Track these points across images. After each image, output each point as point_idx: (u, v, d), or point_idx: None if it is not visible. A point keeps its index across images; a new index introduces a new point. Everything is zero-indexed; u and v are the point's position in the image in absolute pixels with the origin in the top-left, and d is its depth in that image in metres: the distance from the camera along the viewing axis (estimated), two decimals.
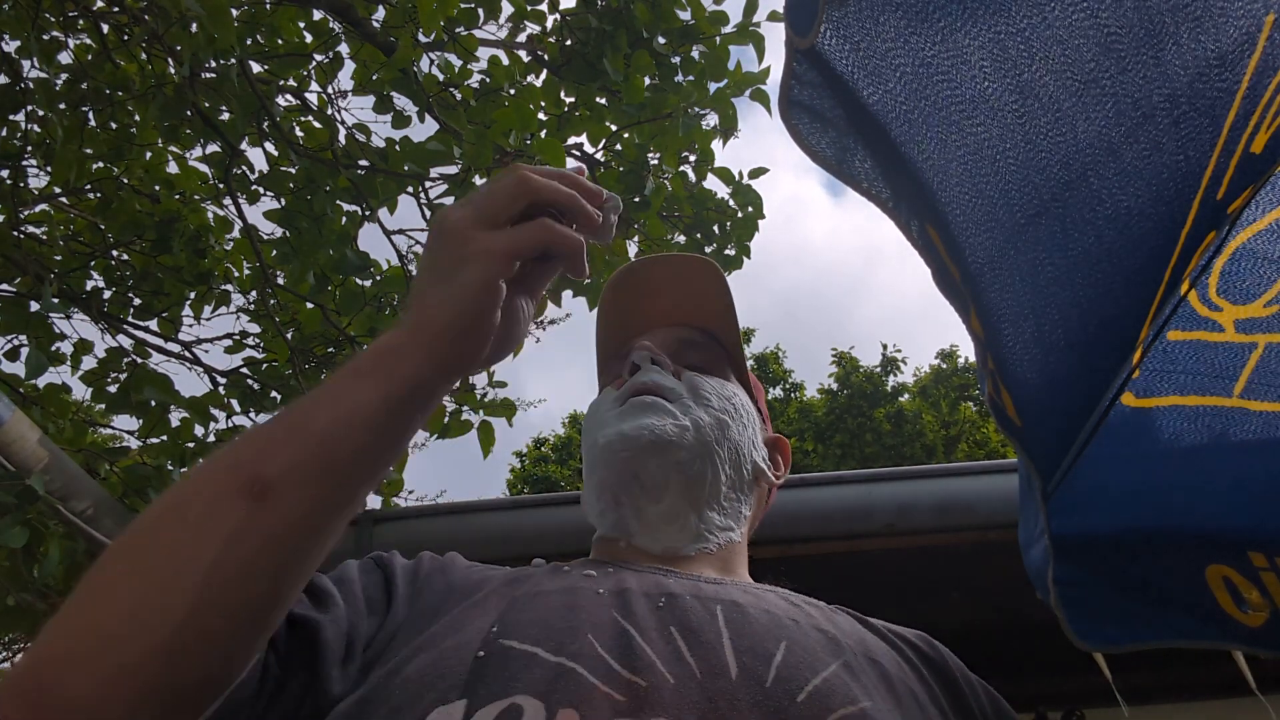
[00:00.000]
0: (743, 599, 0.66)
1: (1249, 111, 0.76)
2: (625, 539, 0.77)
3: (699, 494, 0.77)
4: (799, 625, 0.64)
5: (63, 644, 0.48)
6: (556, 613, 0.60)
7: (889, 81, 0.72)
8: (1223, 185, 0.80)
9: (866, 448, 14.31)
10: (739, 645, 0.58)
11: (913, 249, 0.80)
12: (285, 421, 0.55)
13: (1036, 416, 0.91)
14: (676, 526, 0.76)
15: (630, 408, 0.77)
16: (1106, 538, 1.07)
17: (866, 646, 0.65)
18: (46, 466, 1.95)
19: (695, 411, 0.78)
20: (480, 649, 0.56)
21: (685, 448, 0.75)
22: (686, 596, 0.64)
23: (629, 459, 0.74)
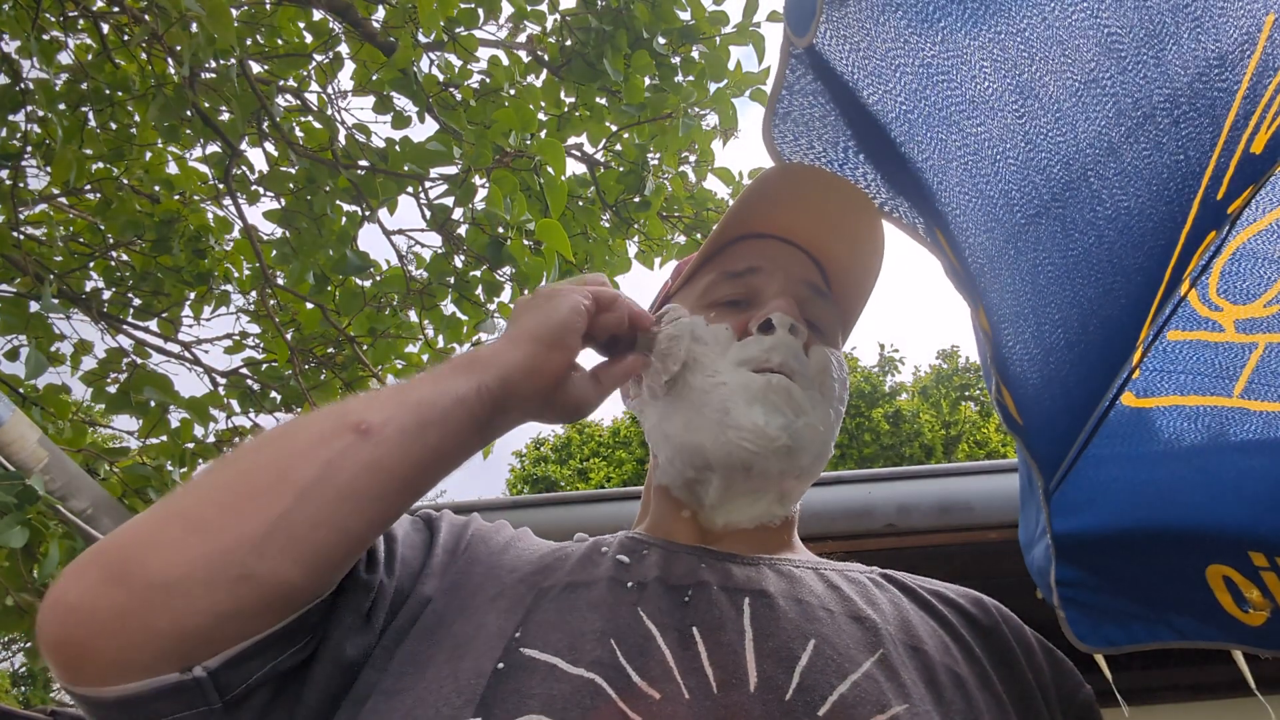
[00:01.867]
0: (775, 586, 0.63)
1: (1249, 111, 0.76)
2: (692, 509, 0.73)
3: (798, 487, 0.74)
4: (832, 616, 0.61)
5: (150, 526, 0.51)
6: (580, 613, 0.58)
7: (889, 82, 0.71)
8: (1223, 185, 0.80)
9: (865, 448, 14.30)
10: (762, 649, 0.56)
11: (910, 248, 0.80)
12: (390, 389, 0.61)
13: (1037, 417, 0.91)
14: (751, 503, 0.72)
15: (766, 389, 0.69)
16: (1106, 537, 1.07)
17: (909, 630, 0.62)
18: (46, 466, 1.95)
19: (822, 406, 0.73)
20: (500, 659, 0.55)
21: (810, 452, 0.71)
22: (715, 588, 0.62)
23: (754, 455, 0.68)
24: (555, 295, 0.67)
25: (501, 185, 2.28)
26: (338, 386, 2.91)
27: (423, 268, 2.86)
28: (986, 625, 0.68)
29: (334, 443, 0.55)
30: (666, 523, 0.75)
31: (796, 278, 0.78)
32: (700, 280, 0.81)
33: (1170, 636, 1.09)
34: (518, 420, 0.66)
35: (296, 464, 0.54)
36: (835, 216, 0.77)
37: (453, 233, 2.61)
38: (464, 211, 2.47)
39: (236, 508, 0.52)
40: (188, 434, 2.75)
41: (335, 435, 0.55)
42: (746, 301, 0.77)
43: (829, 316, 0.80)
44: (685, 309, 0.78)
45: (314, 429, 0.56)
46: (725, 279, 0.78)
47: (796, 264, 0.80)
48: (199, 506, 0.53)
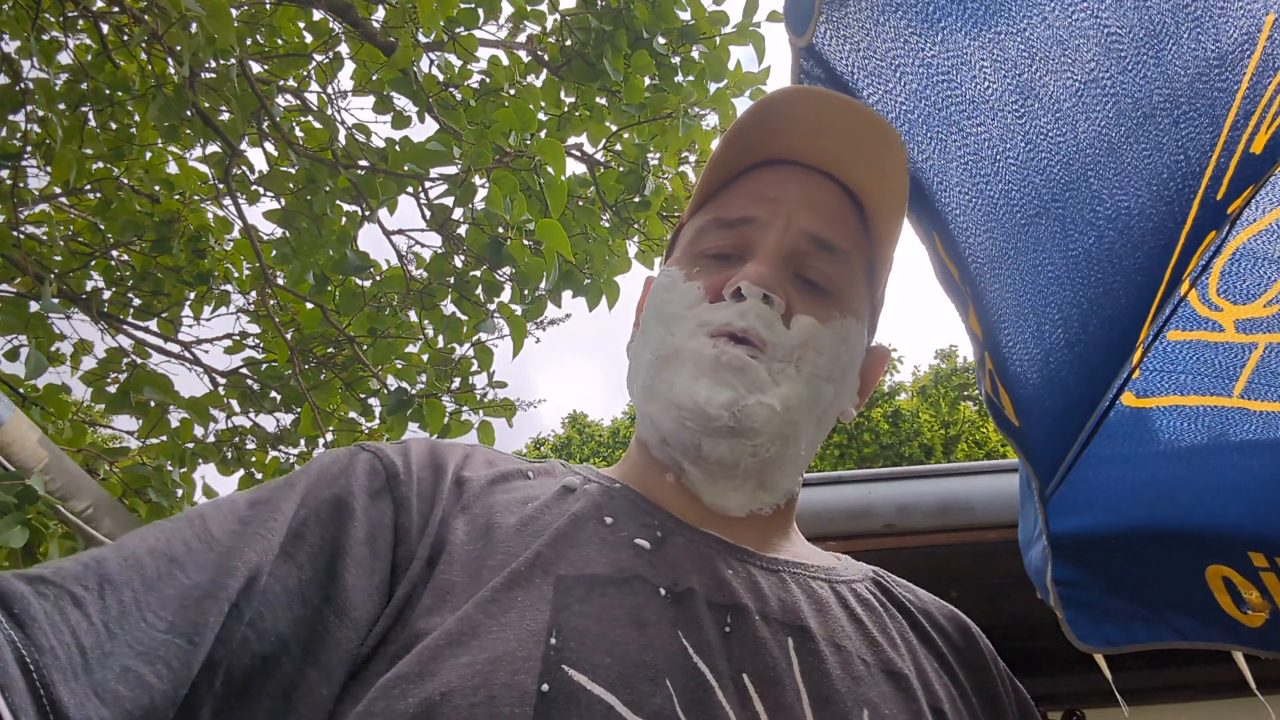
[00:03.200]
0: (812, 619, 0.59)
1: (1249, 111, 0.76)
2: (675, 472, 0.67)
3: (772, 472, 0.67)
4: (870, 672, 0.58)
5: None
6: (624, 630, 0.52)
7: (889, 82, 0.71)
8: (1223, 185, 0.80)
9: (865, 448, 14.31)
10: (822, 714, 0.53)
11: (908, 248, 0.80)
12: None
13: (1036, 417, 0.91)
14: (734, 486, 0.66)
15: (717, 361, 0.63)
16: (1106, 538, 1.07)
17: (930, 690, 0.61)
18: (46, 466, 1.95)
19: (792, 383, 0.64)
20: (542, 678, 0.47)
21: (765, 433, 0.63)
22: (756, 618, 0.57)
23: (698, 433, 0.63)
24: None
25: (501, 185, 2.28)
26: (338, 386, 2.91)
27: (423, 268, 2.86)
28: (973, 661, 0.68)
29: None
30: (652, 482, 0.68)
31: (796, 229, 0.68)
32: (697, 220, 0.73)
33: (1170, 637, 1.09)
34: None
35: None
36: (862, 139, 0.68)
37: (453, 233, 2.61)
38: (464, 211, 2.47)
39: None
40: (188, 434, 2.75)
41: None
42: (737, 256, 0.69)
43: (836, 272, 0.69)
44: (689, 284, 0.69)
45: None
46: (719, 227, 0.70)
47: (803, 208, 0.69)
48: None
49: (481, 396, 2.77)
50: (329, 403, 2.92)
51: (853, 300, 0.70)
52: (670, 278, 0.70)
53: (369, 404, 2.96)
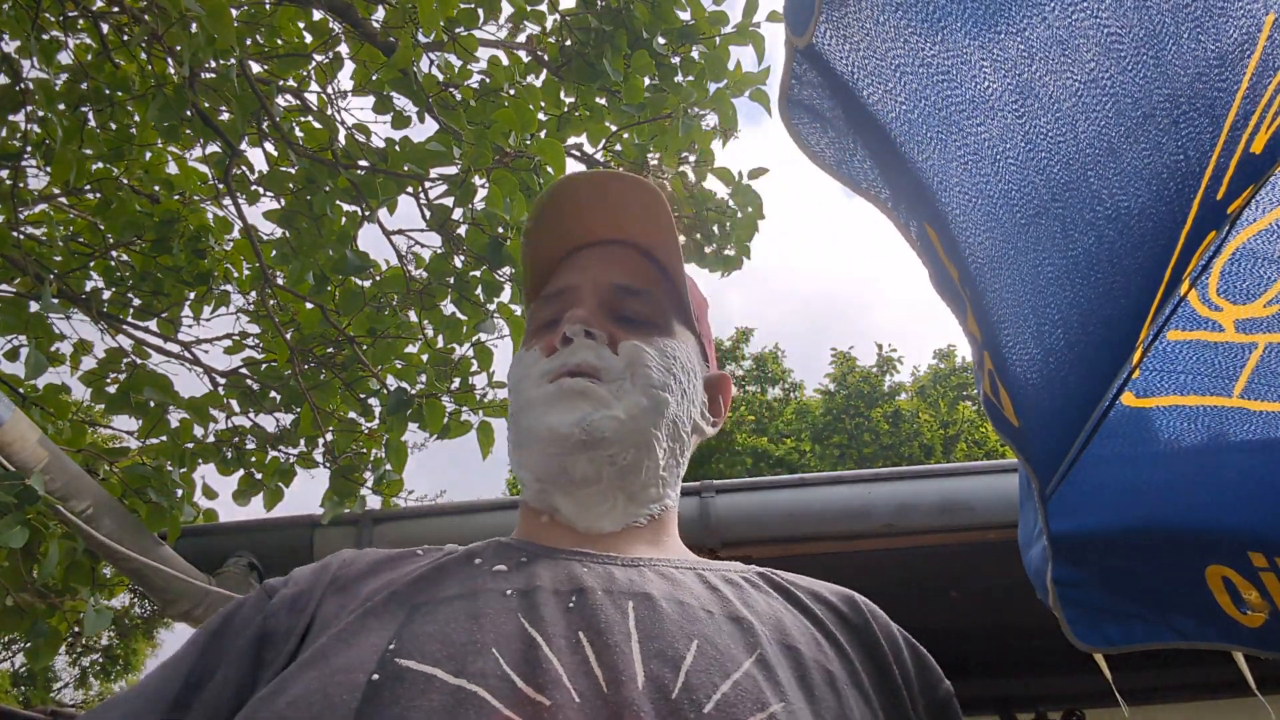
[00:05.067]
0: (658, 589, 0.64)
1: (1249, 111, 0.76)
2: (549, 514, 0.74)
3: (633, 480, 0.74)
4: (713, 618, 0.62)
5: None
6: (459, 623, 0.57)
7: (889, 81, 0.72)
8: (1223, 185, 0.80)
9: (864, 448, 14.31)
10: (648, 649, 0.57)
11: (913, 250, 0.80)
12: None
13: (1036, 417, 0.91)
14: (606, 507, 0.73)
15: (560, 392, 0.72)
16: (1106, 538, 1.07)
17: (783, 629, 0.64)
18: (46, 466, 1.95)
19: (631, 396, 0.73)
20: (375, 670, 0.53)
21: (618, 442, 0.71)
22: (599, 592, 0.62)
23: (558, 456, 0.71)
24: None
25: (501, 185, 2.28)
26: (338, 386, 2.91)
27: (422, 268, 2.86)
28: (857, 623, 0.70)
29: None
30: (534, 529, 0.75)
31: (604, 283, 0.80)
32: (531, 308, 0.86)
33: (1170, 637, 1.09)
34: None
35: None
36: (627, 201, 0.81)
37: (453, 233, 2.61)
38: (464, 211, 2.47)
39: None
40: (188, 434, 2.75)
41: None
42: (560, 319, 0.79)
43: (647, 308, 0.80)
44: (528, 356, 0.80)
45: None
46: (544, 303, 0.83)
47: (606, 268, 0.81)
48: None
49: (481, 397, 2.77)
50: (329, 403, 2.92)
51: (669, 326, 0.81)
52: (517, 360, 0.81)
53: (369, 404, 2.96)
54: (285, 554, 2.48)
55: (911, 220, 0.79)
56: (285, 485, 2.84)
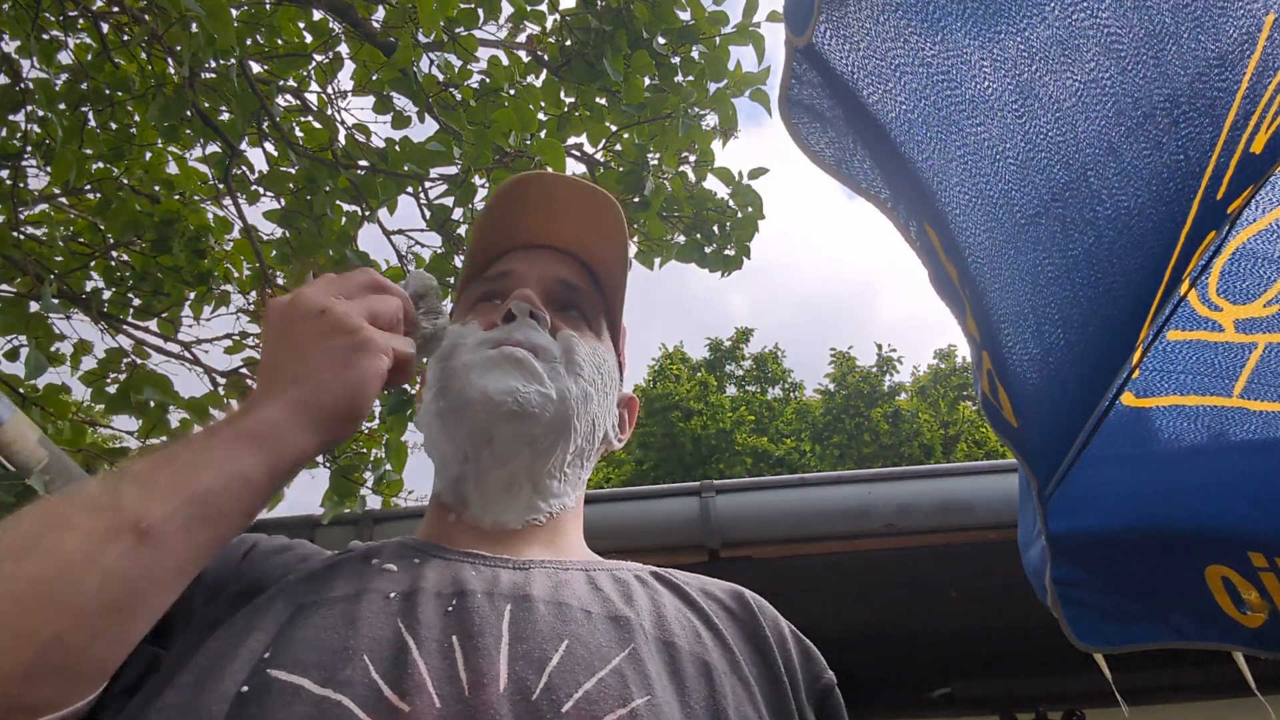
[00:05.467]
0: (540, 590, 0.65)
1: (1249, 111, 0.77)
2: (459, 510, 0.75)
3: (542, 467, 0.75)
4: (590, 617, 0.63)
5: None
6: (335, 629, 0.57)
7: (889, 81, 0.72)
8: (1223, 185, 0.80)
9: (864, 448, 14.31)
10: (516, 651, 0.58)
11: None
12: (170, 472, 0.56)
13: (1035, 417, 0.91)
14: (510, 496, 0.74)
15: (500, 358, 0.73)
16: (1106, 537, 1.07)
17: (662, 624, 0.65)
18: (46, 466, 1.95)
19: (564, 380, 0.75)
20: (245, 682, 0.53)
21: (543, 422, 0.73)
22: (479, 595, 0.62)
23: (488, 422, 0.72)
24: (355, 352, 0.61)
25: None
26: None
27: (422, 268, 2.86)
28: (743, 617, 0.71)
29: (110, 548, 0.50)
30: (439, 528, 0.76)
31: (550, 275, 0.83)
32: (466, 289, 0.87)
33: (1170, 637, 1.09)
34: None
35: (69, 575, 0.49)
36: (585, 213, 0.84)
37: (453, 233, 2.61)
38: (464, 211, 2.47)
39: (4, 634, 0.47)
40: (188, 434, 2.75)
41: (111, 537, 0.51)
42: (501, 297, 0.81)
43: (586, 307, 0.84)
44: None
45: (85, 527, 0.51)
46: (482, 282, 0.85)
47: (552, 263, 0.84)
48: None
49: None
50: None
51: (600, 331, 0.85)
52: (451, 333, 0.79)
53: None
54: None
55: (911, 220, 0.79)
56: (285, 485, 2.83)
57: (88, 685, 0.51)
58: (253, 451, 0.58)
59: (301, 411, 0.60)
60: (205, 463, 0.56)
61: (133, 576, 0.51)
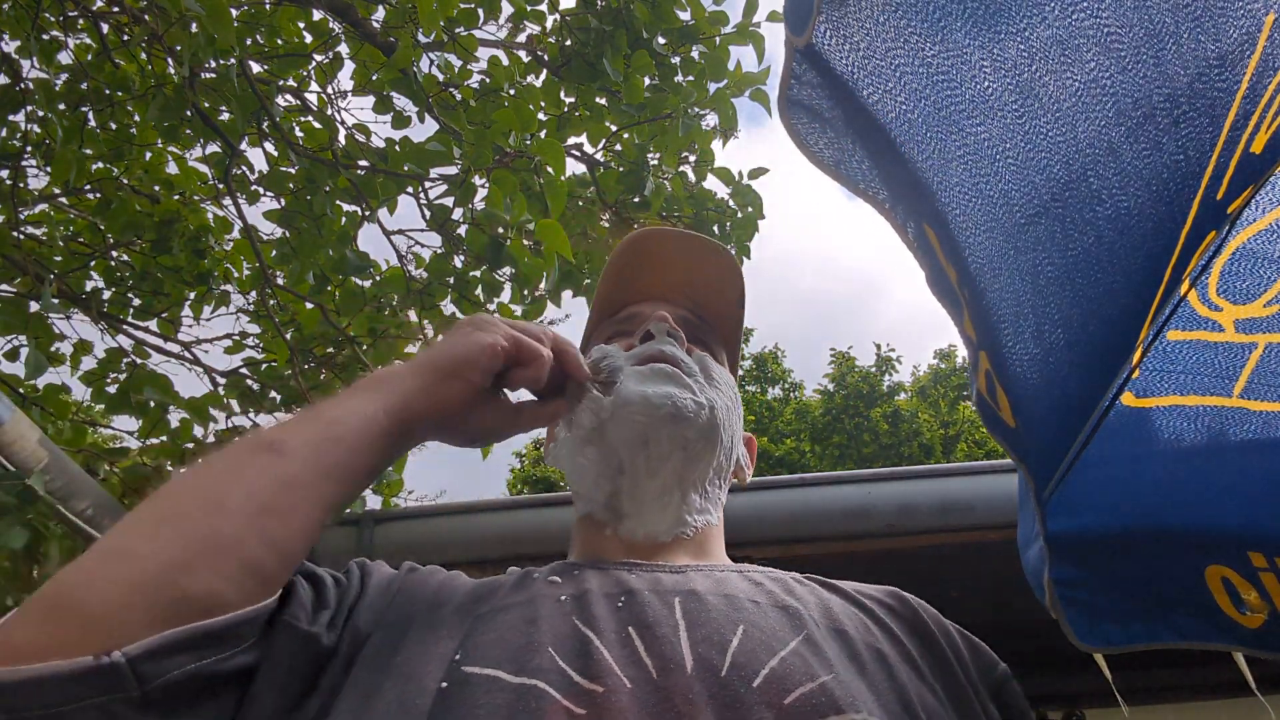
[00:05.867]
0: (703, 585, 0.67)
1: (1249, 111, 0.76)
2: (613, 524, 0.78)
3: (692, 474, 0.78)
4: (759, 606, 0.65)
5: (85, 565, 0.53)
6: (517, 629, 0.61)
7: (888, 81, 0.72)
8: (1223, 185, 0.80)
9: (864, 448, 14.31)
10: (695, 636, 0.60)
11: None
12: (305, 411, 0.67)
13: (1035, 417, 0.91)
14: (661, 505, 0.77)
15: (652, 373, 0.78)
16: (1106, 538, 1.07)
17: (830, 615, 0.66)
18: (46, 466, 1.95)
19: (709, 391, 0.79)
20: (444, 678, 0.57)
21: (697, 426, 0.76)
22: (645, 592, 0.65)
23: (646, 424, 0.75)
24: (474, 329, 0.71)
25: (501, 185, 2.28)
26: (337, 386, 2.91)
27: (422, 268, 2.86)
28: (905, 614, 0.72)
29: (250, 463, 0.59)
30: (592, 545, 0.79)
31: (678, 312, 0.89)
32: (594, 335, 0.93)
33: (1169, 637, 1.09)
34: (423, 439, 0.71)
35: (217, 485, 0.58)
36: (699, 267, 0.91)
37: (453, 233, 2.61)
38: (464, 211, 2.47)
39: (162, 535, 0.54)
40: (188, 434, 2.75)
41: (251, 455, 0.60)
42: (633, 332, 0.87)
43: (707, 335, 0.90)
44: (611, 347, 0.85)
45: (232, 454, 0.61)
46: (612, 324, 0.91)
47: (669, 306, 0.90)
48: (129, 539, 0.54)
49: None
50: None
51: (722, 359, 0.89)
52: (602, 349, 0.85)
53: None
54: None
55: (910, 221, 0.79)
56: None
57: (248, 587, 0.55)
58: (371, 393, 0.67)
59: (417, 366, 0.70)
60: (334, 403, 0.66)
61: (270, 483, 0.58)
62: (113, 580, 0.51)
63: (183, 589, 0.52)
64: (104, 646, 0.48)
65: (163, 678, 0.50)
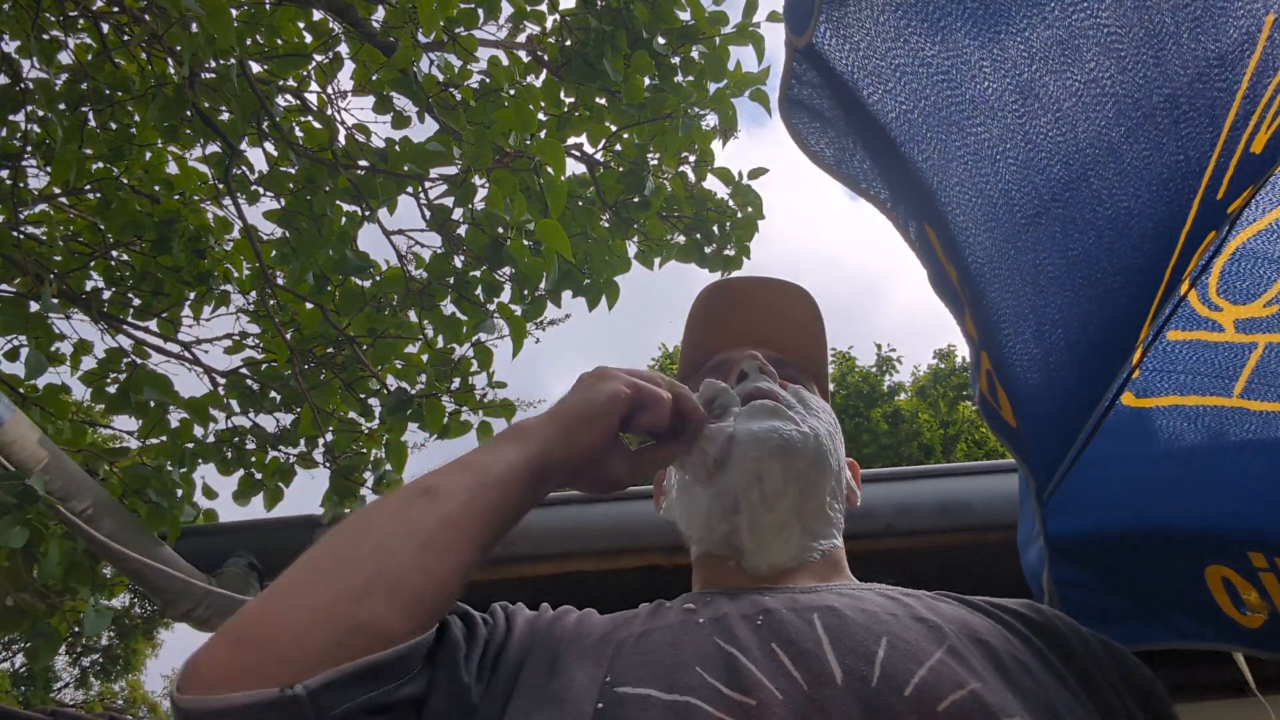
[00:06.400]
0: (839, 602, 0.68)
1: (1249, 111, 0.76)
2: (735, 558, 0.79)
3: (809, 504, 0.79)
4: (897, 619, 0.66)
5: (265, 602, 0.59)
6: (662, 651, 0.63)
7: (889, 81, 0.72)
8: (1223, 185, 0.80)
9: (864, 448, 14.30)
10: (840, 649, 0.61)
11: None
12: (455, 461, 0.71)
13: (1035, 417, 0.91)
14: (783, 538, 0.78)
15: (754, 409, 0.79)
16: (1106, 538, 1.07)
17: (970, 627, 0.67)
18: (46, 466, 1.95)
19: (810, 420, 0.81)
20: (599, 699, 0.59)
21: (805, 456, 0.78)
22: (783, 610, 0.66)
23: (758, 460, 0.76)
24: (602, 380, 0.76)
25: (501, 185, 2.28)
26: (338, 387, 2.91)
27: (422, 268, 2.86)
28: (1043, 624, 0.72)
29: (410, 506, 0.64)
30: (717, 578, 0.80)
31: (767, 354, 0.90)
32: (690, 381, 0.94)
33: (1169, 637, 1.09)
34: (558, 485, 0.74)
35: (381, 528, 0.63)
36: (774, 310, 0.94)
37: (452, 233, 2.61)
38: (464, 212, 2.47)
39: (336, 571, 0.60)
40: (188, 434, 2.75)
41: (410, 500, 0.65)
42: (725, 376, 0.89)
43: (796, 372, 0.92)
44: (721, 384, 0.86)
45: (393, 500, 0.66)
46: (702, 373, 0.93)
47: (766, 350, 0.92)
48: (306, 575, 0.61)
49: (481, 397, 2.77)
50: (329, 403, 2.92)
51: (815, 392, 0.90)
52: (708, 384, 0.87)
53: (369, 404, 2.95)
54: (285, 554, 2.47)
55: (910, 220, 0.79)
56: (285, 485, 2.84)
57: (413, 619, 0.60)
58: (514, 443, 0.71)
59: (552, 416, 0.74)
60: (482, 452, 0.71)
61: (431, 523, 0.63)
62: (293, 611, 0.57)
63: (356, 618, 0.57)
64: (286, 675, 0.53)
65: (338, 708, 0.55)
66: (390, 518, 0.64)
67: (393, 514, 0.64)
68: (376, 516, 0.65)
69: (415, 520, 0.63)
